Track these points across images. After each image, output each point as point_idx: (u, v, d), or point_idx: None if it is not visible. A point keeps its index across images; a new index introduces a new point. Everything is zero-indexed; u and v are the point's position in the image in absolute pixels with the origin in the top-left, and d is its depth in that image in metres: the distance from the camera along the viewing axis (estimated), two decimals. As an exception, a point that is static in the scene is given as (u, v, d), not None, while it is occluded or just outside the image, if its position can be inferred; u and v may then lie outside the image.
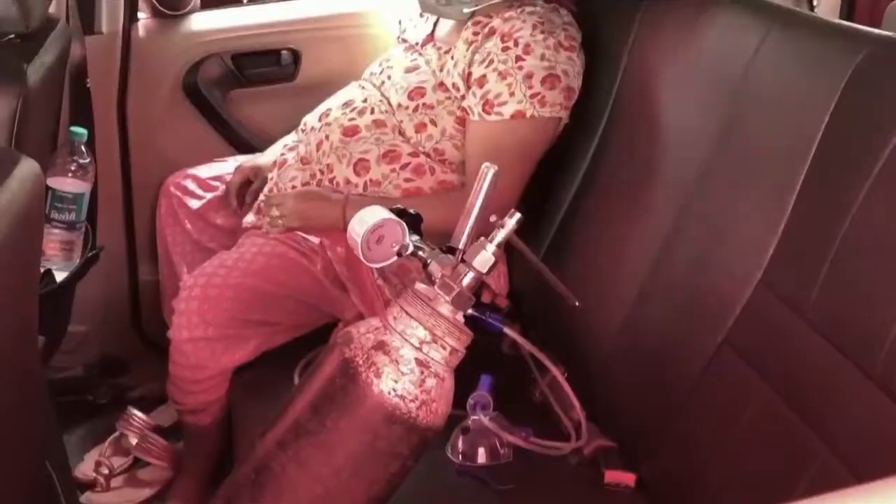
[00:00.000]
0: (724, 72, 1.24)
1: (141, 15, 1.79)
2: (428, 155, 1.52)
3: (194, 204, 1.72)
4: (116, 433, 1.67)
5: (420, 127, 1.52)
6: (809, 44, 1.15)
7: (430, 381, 0.90)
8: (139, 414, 1.67)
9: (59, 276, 1.39)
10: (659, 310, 1.24)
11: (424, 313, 0.91)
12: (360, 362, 0.90)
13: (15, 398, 0.94)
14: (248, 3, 2.03)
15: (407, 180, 1.51)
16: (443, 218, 1.10)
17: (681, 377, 1.14)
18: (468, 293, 0.94)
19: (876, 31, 1.10)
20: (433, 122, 1.51)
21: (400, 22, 1.76)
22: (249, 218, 1.63)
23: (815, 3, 1.87)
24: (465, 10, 1.53)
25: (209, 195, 1.73)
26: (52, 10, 1.41)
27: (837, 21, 1.26)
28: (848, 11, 2.02)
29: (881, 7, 1.95)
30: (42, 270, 1.28)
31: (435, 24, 1.64)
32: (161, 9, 1.79)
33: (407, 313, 0.92)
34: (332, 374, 0.92)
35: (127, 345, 1.91)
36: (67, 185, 1.40)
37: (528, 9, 1.49)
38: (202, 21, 1.86)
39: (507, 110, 1.45)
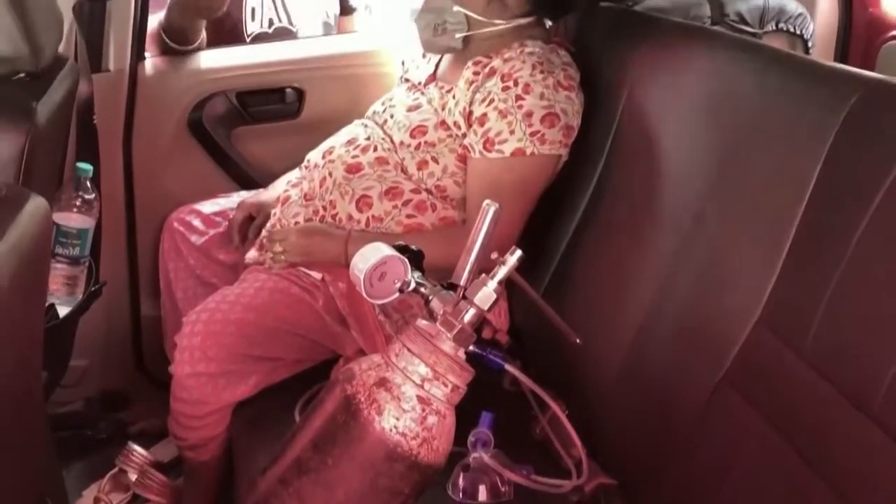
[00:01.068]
0: (721, 111, 1.26)
1: (147, 53, 1.82)
2: (429, 192, 1.54)
3: (197, 240, 1.73)
4: (116, 469, 1.66)
5: (422, 164, 1.54)
6: (805, 85, 1.17)
7: (432, 419, 0.91)
8: (139, 449, 1.66)
9: (62, 311, 1.40)
10: (659, 347, 1.25)
11: (426, 350, 0.92)
12: (362, 399, 0.90)
13: (16, 433, 0.94)
14: (250, 42, 2.06)
15: (409, 216, 1.53)
16: (444, 254, 1.11)
17: (681, 414, 1.15)
18: (470, 330, 0.95)
19: (869, 73, 1.12)
20: (435, 160, 1.53)
21: (403, 62, 1.79)
22: (252, 254, 1.64)
23: (809, 45, 1.91)
24: (458, 36, 1.57)
25: (212, 231, 1.74)
26: (61, 48, 1.44)
27: (831, 63, 1.28)
28: (842, 54, 2.05)
29: (874, 50, 1.99)
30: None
31: (437, 65, 1.67)
32: (170, 44, 1.82)
33: (409, 350, 0.92)
34: (333, 411, 0.92)
35: (128, 380, 1.91)
36: (72, 220, 1.42)
37: (528, 49, 1.52)
38: (208, 59, 1.89)
39: (508, 148, 1.47)
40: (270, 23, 2.09)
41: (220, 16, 1.89)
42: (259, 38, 2.06)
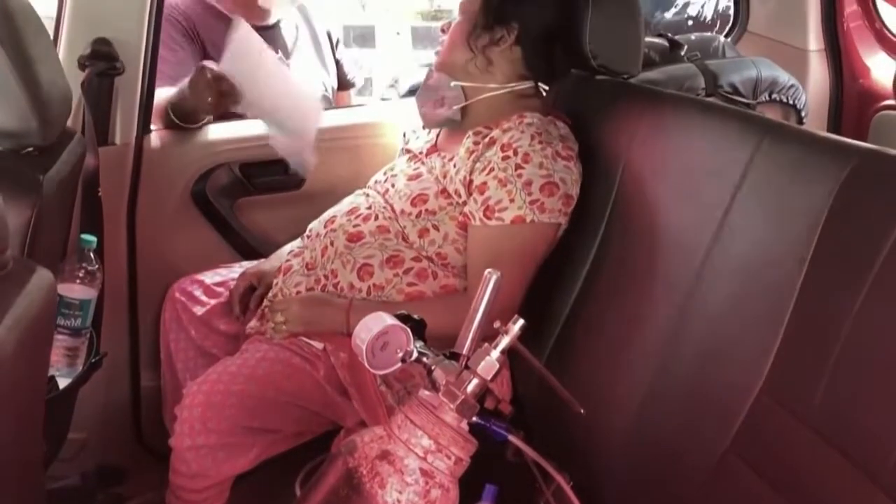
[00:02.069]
0: (717, 181, 1.28)
1: (153, 126, 1.85)
2: (431, 259, 1.55)
3: (198, 310, 1.73)
4: (112, 544, 1.63)
5: (423, 232, 1.55)
6: (800, 155, 1.19)
7: (435, 492, 0.89)
8: (136, 524, 1.63)
9: (62, 383, 1.39)
10: (663, 416, 1.24)
11: (429, 421, 0.91)
12: (365, 472, 0.89)
13: (14, 508, 0.93)
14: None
15: (410, 284, 1.53)
16: (446, 322, 1.11)
17: (686, 485, 1.13)
18: (473, 400, 0.95)
19: (862, 143, 1.14)
20: (436, 228, 1.55)
21: (404, 134, 1.83)
22: (253, 323, 1.64)
23: (803, 115, 1.94)
24: (455, 108, 1.61)
25: (213, 301, 1.74)
26: (68, 122, 1.46)
27: (825, 134, 1.31)
28: (835, 124, 2.09)
29: (866, 120, 2.03)
30: (46, 377, 1.28)
31: (437, 135, 1.70)
32: (178, 122, 1.85)
33: (411, 421, 0.92)
34: (335, 484, 0.91)
35: (126, 452, 1.88)
36: (75, 291, 1.42)
37: (527, 120, 1.55)
38: (212, 132, 1.91)
39: (508, 216, 1.49)
40: None
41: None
42: None
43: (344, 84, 2.28)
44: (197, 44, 2.01)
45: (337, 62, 2.26)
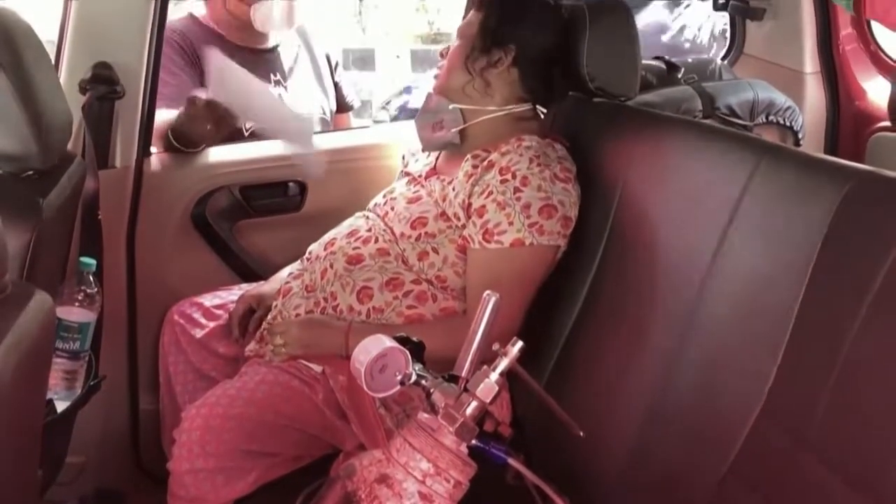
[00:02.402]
0: (715, 202, 1.29)
1: (153, 149, 1.85)
2: (430, 282, 1.55)
3: (197, 333, 1.73)
4: (109, 570, 1.61)
5: (422, 255, 1.55)
6: (797, 176, 1.20)
7: (434, 515, 0.89)
8: (133, 550, 1.62)
9: (60, 406, 1.38)
10: (663, 439, 1.24)
11: (428, 445, 0.91)
12: (363, 496, 0.89)
13: (11, 534, 0.92)
14: (249, 136, 2.09)
15: (409, 307, 1.53)
16: (445, 345, 1.11)
17: (688, 508, 1.13)
18: (472, 423, 0.94)
19: (859, 165, 1.15)
20: (435, 250, 1.55)
21: (403, 157, 1.83)
22: (252, 346, 1.64)
23: (800, 136, 1.95)
24: (454, 130, 1.62)
25: (212, 324, 1.74)
26: (69, 146, 1.47)
27: (822, 155, 1.32)
28: (832, 146, 2.11)
29: (862, 141, 2.04)
30: (44, 400, 1.27)
31: (437, 158, 1.71)
32: (178, 146, 1.86)
33: (410, 444, 0.91)
34: (334, 508, 0.91)
35: (124, 476, 1.87)
36: (74, 314, 1.41)
37: (525, 144, 1.56)
38: (213, 155, 1.92)
39: (507, 239, 1.49)
40: None
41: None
42: (256, 133, 2.09)
43: (343, 107, 2.29)
44: (196, 67, 2.03)
45: (336, 85, 2.27)
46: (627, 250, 1.46)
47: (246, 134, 2.10)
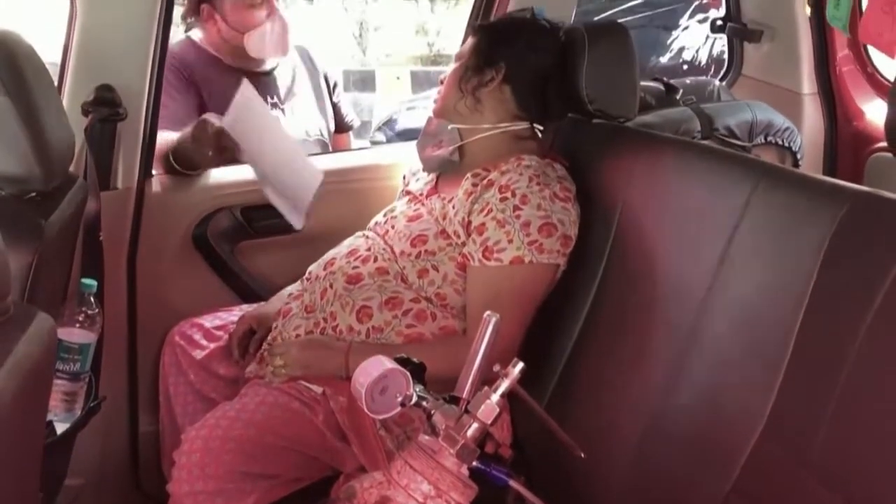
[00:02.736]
0: (714, 222, 1.29)
1: (154, 171, 1.86)
2: (429, 300, 1.55)
3: (198, 354, 1.73)
4: None
5: (422, 273, 1.55)
6: (796, 197, 1.21)
7: (435, 538, 0.89)
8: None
9: (60, 428, 1.37)
10: (665, 458, 1.23)
11: (429, 467, 0.91)
12: (364, 518, 0.89)
13: (10, 557, 0.92)
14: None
15: (409, 326, 1.53)
16: (445, 366, 1.11)
17: (690, 530, 1.12)
18: (473, 445, 0.94)
19: (857, 186, 1.16)
20: (435, 268, 1.55)
21: (404, 177, 1.84)
22: (252, 367, 1.64)
23: (798, 157, 1.96)
24: (452, 148, 1.63)
25: (213, 345, 1.74)
26: (71, 167, 1.48)
27: (820, 176, 1.33)
28: (830, 167, 2.11)
29: (861, 161, 2.05)
30: (43, 422, 1.27)
31: (437, 177, 1.72)
32: (179, 169, 1.86)
33: (411, 466, 0.91)
34: (334, 531, 0.90)
35: (123, 498, 1.86)
36: (74, 335, 1.41)
37: (525, 163, 1.57)
38: (214, 176, 1.92)
39: (506, 256, 1.50)
40: None
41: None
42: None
43: (342, 127, 2.30)
44: (193, 90, 2.04)
45: (334, 105, 2.28)
46: (628, 271, 1.46)
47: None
